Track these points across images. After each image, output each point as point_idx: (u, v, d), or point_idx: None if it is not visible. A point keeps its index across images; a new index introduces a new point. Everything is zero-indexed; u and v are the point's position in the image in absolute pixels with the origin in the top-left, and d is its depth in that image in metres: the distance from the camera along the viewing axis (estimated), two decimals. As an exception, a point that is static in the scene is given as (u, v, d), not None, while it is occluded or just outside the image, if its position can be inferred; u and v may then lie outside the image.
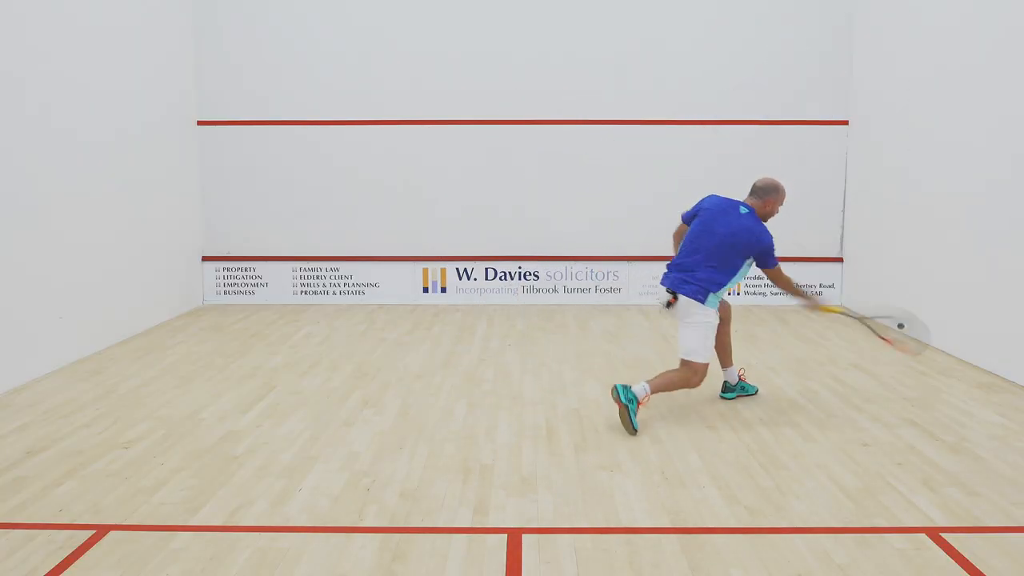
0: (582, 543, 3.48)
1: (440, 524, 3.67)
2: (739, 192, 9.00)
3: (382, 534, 3.57)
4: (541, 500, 3.92)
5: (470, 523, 3.68)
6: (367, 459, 4.45)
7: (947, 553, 3.39)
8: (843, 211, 8.97)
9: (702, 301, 4.94)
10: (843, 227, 8.99)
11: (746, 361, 6.56)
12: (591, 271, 9.09)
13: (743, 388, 5.57)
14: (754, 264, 5.03)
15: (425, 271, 9.11)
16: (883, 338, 5.05)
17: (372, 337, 7.45)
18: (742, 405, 5.41)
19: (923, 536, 3.55)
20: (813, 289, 9.06)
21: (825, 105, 8.89)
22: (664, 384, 4.96)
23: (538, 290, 9.12)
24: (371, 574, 3.24)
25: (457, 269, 9.10)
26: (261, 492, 4.01)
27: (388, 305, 9.05)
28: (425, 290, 9.12)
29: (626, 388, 4.85)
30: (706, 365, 5.02)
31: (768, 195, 5.04)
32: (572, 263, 9.10)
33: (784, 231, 8.99)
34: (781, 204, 5.09)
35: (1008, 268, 6.03)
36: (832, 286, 9.04)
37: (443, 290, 9.12)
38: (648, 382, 4.93)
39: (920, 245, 7.31)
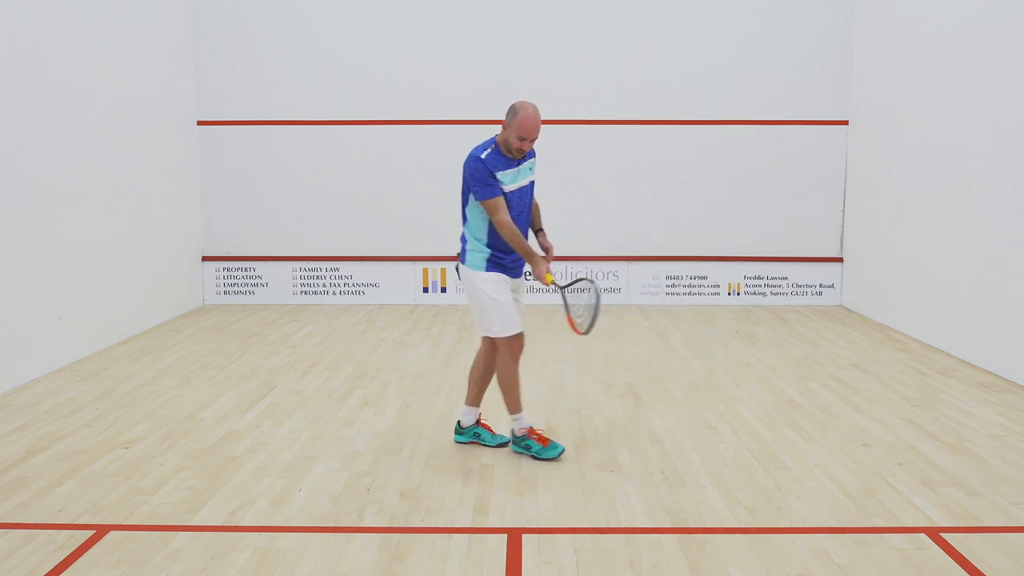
0: (582, 543, 3.49)
1: (440, 524, 3.67)
2: (741, 193, 9.02)
3: (382, 534, 3.57)
4: (541, 500, 3.93)
5: (470, 523, 3.68)
6: (367, 459, 4.45)
7: (947, 553, 3.39)
8: (843, 211, 8.97)
9: (463, 260, 4.42)
10: (843, 227, 8.99)
11: (746, 361, 6.57)
12: (591, 271, 9.09)
13: (477, 435, 4.67)
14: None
15: (425, 271, 9.11)
16: (567, 315, 4.46)
17: (372, 337, 7.45)
18: (742, 405, 5.41)
19: (923, 536, 3.55)
20: (813, 289, 9.06)
21: (825, 105, 8.89)
22: (508, 391, 4.49)
23: (539, 290, 9.12)
24: (371, 574, 3.24)
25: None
26: (261, 492, 4.02)
27: (388, 305, 9.05)
28: (425, 290, 9.13)
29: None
30: (514, 336, 4.39)
31: (505, 118, 4.23)
32: (572, 263, 9.09)
33: (784, 231, 9.09)
34: (516, 132, 4.17)
35: (1008, 268, 6.03)
36: (832, 286, 9.04)
37: (443, 290, 9.12)
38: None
39: (920, 245, 7.32)
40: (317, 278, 9.12)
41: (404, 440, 4.73)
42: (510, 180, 4.29)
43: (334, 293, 9.13)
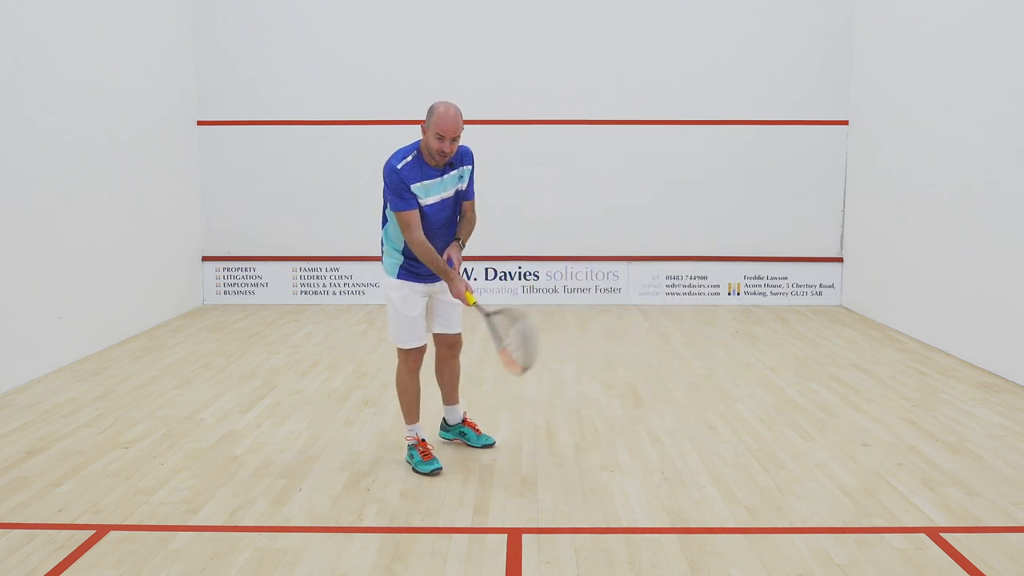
0: (582, 543, 3.49)
1: (440, 524, 3.67)
2: (741, 193, 9.02)
3: (382, 534, 3.57)
4: (541, 500, 3.92)
5: (470, 523, 3.69)
6: (367, 459, 4.45)
7: (947, 553, 3.39)
8: (843, 211, 8.97)
9: (383, 265, 4.31)
10: (843, 227, 8.99)
11: (746, 361, 6.56)
12: (591, 271, 9.09)
13: (463, 434, 4.64)
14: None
15: (425, 271, 9.10)
16: (500, 348, 4.25)
17: (372, 337, 7.45)
18: (742, 405, 5.41)
19: (923, 536, 3.55)
20: (813, 289, 9.05)
21: (825, 105, 8.89)
22: (401, 400, 4.40)
23: (538, 290, 9.12)
24: (371, 574, 3.24)
25: (457, 269, 9.09)
26: (261, 492, 4.01)
27: (388, 305, 9.03)
28: (425, 290, 9.11)
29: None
30: (409, 350, 4.28)
31: (425, 120, 4.02)
32: (572, 263, 9.09)
33: (784, 231, 9.09)
34: (435, 131, 3.95)
35: (1008, 268, 6.03)
36: (832, 286, 9.04)
37: (443, 290, 9.11)
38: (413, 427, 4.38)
39: (920, 245, 7.32)
40: (317, 278, 9.12)
41: (404, 440, 4.72)
42: (426, 193, 4.05)
43: (334, 293, 9.13)
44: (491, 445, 4.60)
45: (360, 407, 5.37)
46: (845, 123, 8.86)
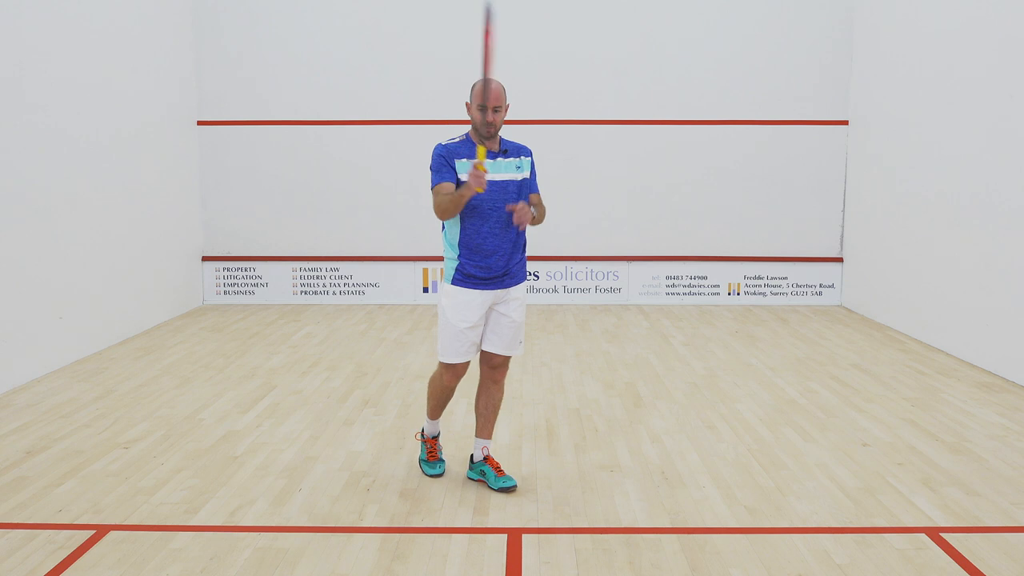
0: (582, 543, 3.49)
1: (440, 524, 3.67)
2: (741, 193, 9.02)
3: (382, 534, 3.57)
4: (541, 500, 3.92)
5: (470, 523, 3.69)
6: (367, 459, 4.45)
7: (947, 553, 3.39)
8: (843, 211, 8.97)
9: (443, 271, 4.02)
10: (843, 227, 8.99)
11: (746, 361, 6.56)
12: (591, 271, 9.09)
13: (483, 473, 4.10)
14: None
15: (425, 271, 9.11)
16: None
17: (372, 337, 7.45)
18: (742, 405, 5.41)
19: (923, 536, 3.55)
20: (813, 289, 9.06)
21: (825, 105, 8.89)
22: (428, 400, 4.23)
23: (538, 290, 9.12)
24: (371, 574, 3.24)
25: (457, 269, 9.08)
26: (261, 492, 4.02)
27: (388, 305, 9.05)
28: (425, 290, 9.12)
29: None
30: (451, 365, 3.97)
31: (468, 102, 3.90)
32: (572, 263, 9.10)
33: (784, 231, 9.09)
34: (476, 102, 3.79)
35: (1007, 268, 6.03)
36: (832, 286, 9.04)
37: (443, 290, 9.12)
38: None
39: (920, 245, 7.32)
40: (317, 278, 9.12)
41: (404, 440, 4.73)
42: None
43: (334, 293, 9.13)
44: (510, 488, 4.00)
45: (360, 407, 5.37)
46: (845, 123, 8.86)
